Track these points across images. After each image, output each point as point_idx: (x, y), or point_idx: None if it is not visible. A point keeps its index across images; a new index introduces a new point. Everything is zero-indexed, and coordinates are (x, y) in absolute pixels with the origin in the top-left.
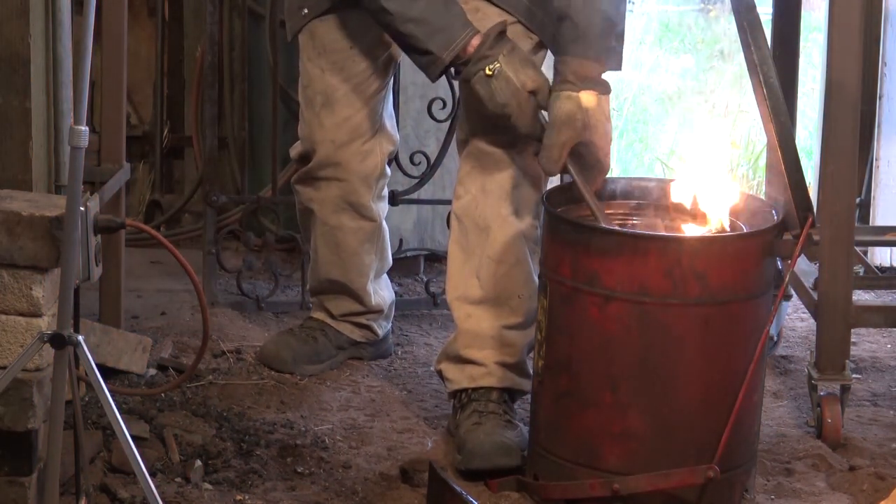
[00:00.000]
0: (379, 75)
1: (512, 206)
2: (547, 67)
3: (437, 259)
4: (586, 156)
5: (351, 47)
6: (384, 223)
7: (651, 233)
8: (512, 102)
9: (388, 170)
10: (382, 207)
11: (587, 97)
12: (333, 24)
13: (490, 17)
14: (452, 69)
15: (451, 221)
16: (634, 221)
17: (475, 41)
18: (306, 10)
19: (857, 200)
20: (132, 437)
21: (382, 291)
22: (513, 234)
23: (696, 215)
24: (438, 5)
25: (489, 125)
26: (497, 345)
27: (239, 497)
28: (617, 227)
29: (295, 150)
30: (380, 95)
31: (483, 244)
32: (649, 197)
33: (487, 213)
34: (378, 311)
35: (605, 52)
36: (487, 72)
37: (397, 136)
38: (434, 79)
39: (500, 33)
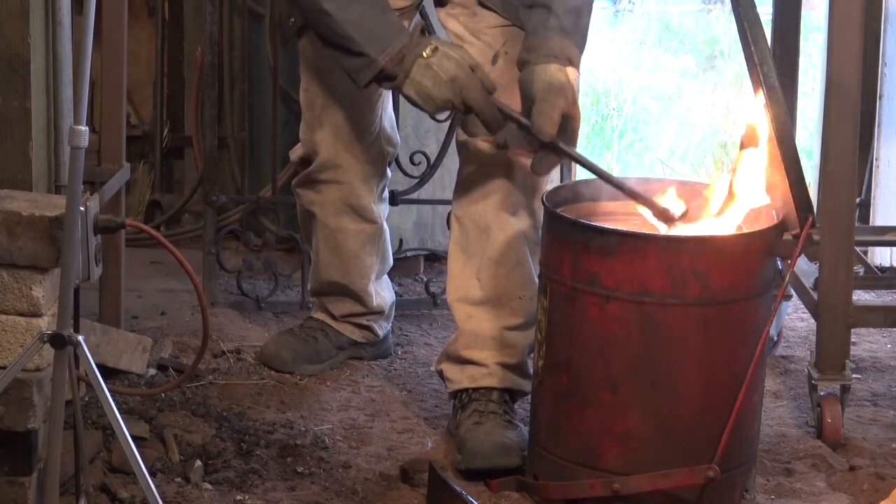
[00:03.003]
0: None
1: (512, 208)
2: None
3: (437, 259)
4: (567, 128)
5: None
6: (385, 225)
7: (651, 233)
8: (460, 74)
9: (388, 171)
10: (383, 209)
11: (572, 72)
12: None
13: (486, 20)
14: (384, 77)
15: (451, 223)
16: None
17: (406, 41)
18: (293, 19)
19: (857, 200)
20: (132, 437)
21: (383, 292)
22: (513, 235)
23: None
24: (376, 11)
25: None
26: (498, 346)
27: (239, 497)
28: (617, 227)
29: (295, 153)
30: (379, 97)
31: (483, 245)
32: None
33: (488, 214)
34: (379, 312)
35: (580, 34)
36: (425, 54)
37: (397, 139)
38: (363, 84)
39: (423, 29)
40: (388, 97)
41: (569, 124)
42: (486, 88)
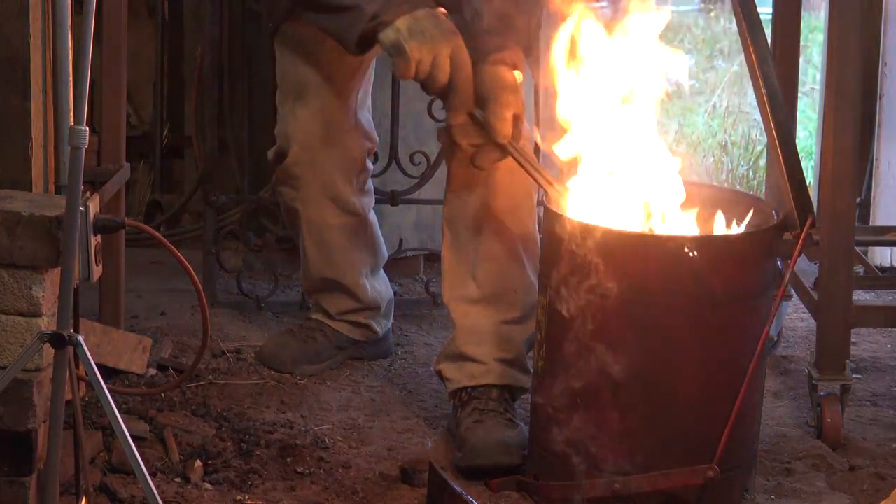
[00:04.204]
0: (350, 72)
1: (501, 205)
2: None
3: (437, 259)
4: (517, 127)
5: (323, 41)
6: (371, 217)
7: (651, 233)
8: (436, 33)
9: (369, 164)
10: (366, 202)
11: (519, 75)
12: (303, 23)
13: None
14: (373, 29)
15: (443, 226)
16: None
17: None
18: (270, 24)
19: (857, 200)
20: (132, 437)
21: (379, 287)
22: (504, 232)
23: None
24: None
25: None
26: (496, 340)
27: (239, 497)
28: (617, 227)
29: (272, 151)
30: (352, 91)
31: (475, 244)
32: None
33: (478, 213)
34: (375, 308)
35: (518, 36)
36: (413, 16)
37: (375, 136)
38: (353, 44)
39: None
40: (366, 97)
41: (518, 124)
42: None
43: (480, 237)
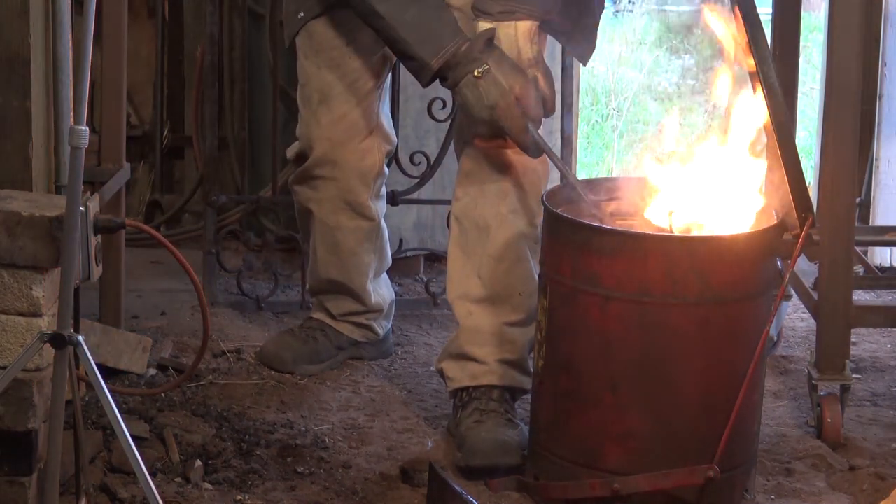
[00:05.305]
0: (374, 74)
1: (511, 206)
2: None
3: (437, 259)
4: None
5: (346, 45)
6: (383, 222)
7: (651, 233)
8: (500, 103)
9: (385, 169)
10: (381, 206)
11: (507, 27)
12: (328, 24)
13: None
14: (441, 77)
15: (451, 223)
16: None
17: (464, 49)
18: (303, 14)
19: (857, 200)
20: (132, 437)
21: (382, 290)
22: (513, 233)
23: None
24: (430, 11)
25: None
26: (498, 342)
27: (239, 497)
28: (617, 227)
29: (291, 150)
30: (375, 94)
31: (483, 243)
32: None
33: (487, 212)
34: (378, 311)
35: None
36: (476, 73)
37: (394, 136)
38: (425, 84)
39: (489, 40)
40: (385, 95)
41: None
42: (528, 117)
43: (488, 236)
